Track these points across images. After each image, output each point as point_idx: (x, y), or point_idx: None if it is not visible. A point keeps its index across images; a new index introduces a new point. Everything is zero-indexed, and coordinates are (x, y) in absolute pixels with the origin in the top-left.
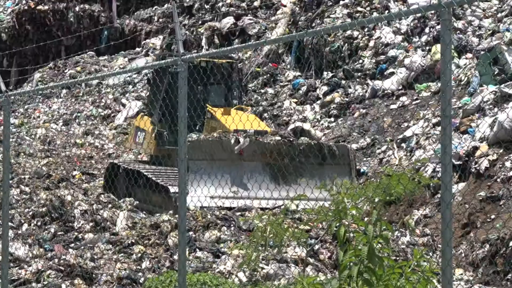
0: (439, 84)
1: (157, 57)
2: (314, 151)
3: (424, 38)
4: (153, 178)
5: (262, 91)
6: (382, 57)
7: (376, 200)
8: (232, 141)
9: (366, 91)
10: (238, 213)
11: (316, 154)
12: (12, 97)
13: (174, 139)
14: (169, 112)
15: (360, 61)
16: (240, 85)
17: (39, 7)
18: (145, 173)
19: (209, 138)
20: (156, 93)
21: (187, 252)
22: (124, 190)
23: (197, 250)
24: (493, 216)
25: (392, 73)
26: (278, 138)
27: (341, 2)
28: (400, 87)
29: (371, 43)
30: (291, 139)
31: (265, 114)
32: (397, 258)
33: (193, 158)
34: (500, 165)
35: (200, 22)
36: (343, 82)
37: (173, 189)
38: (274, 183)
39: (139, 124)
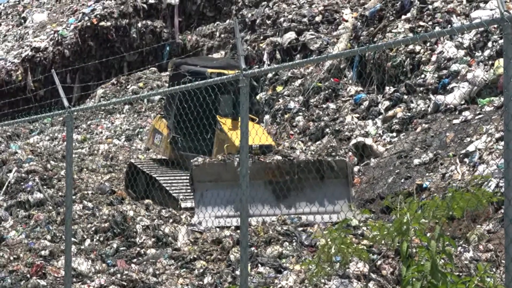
0: (502, 99)
1: (172, 63)
2: (314, 167)
3: (486, 53)
4: (167, 188)
5: (324, 106)
6: (445, 71)
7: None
8: (236, 163)
9: (428, 106)
10: (300, 228)
11: (316, 170)
12: (75, 113)
13: (188, 145)
14: (183, 119)
15: (422, 75)
16: (250, 95)
17: (102, 23)
18: (159, 179)
19: (214, 161)
20: (171, 99)
21: (249, 268)
22: (142, 191)
23: (259, 265)
24: None
25: (455, 88)
26: (279, 157)
27: (403, 17)
28: (462, 102)
29: (433, 58)
30: (292, 158)
31: (327, 129)
32: (460, 274)
33: (200, 180)
34: None
35: (261, 37)
36: (405, 97)
37: (184, 205)
38: (277, 199)
39: (157, 126)
